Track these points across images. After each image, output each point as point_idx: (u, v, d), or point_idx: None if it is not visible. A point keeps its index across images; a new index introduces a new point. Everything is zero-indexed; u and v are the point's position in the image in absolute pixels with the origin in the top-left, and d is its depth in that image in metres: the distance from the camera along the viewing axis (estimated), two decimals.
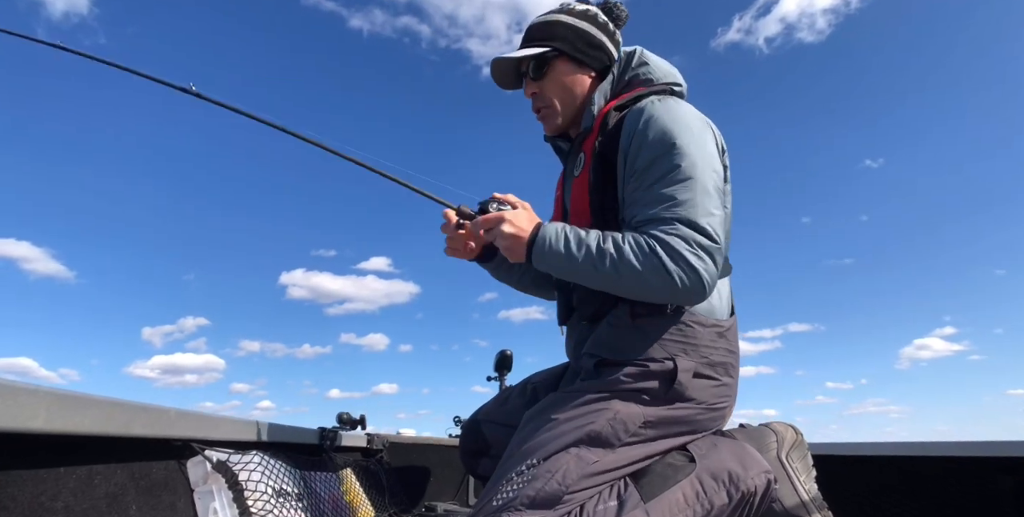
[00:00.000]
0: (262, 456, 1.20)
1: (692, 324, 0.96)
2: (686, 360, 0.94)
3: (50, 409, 0.68)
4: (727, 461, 0.90)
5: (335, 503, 1.48)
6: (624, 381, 0.93)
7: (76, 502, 0.79)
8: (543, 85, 1.12)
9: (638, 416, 0.91)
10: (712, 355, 0.97)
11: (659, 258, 0.85)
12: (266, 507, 1.09)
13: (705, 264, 0.85)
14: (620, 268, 0.87)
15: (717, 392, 0.97)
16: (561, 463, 0.87)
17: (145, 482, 0.94)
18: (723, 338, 1.00)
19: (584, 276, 0.92)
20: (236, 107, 1.21)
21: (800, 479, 0.98)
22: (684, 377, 0.92)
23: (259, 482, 1.12)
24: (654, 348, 0.95)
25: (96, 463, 0.84)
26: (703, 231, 0.87)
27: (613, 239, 0.90)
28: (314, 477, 1.44)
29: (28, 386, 0.65)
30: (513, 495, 0.86)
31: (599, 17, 1.13)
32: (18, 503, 0.70)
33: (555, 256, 0.92)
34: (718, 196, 0.93)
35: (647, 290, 0.88)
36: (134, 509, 0.90)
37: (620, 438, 0.90)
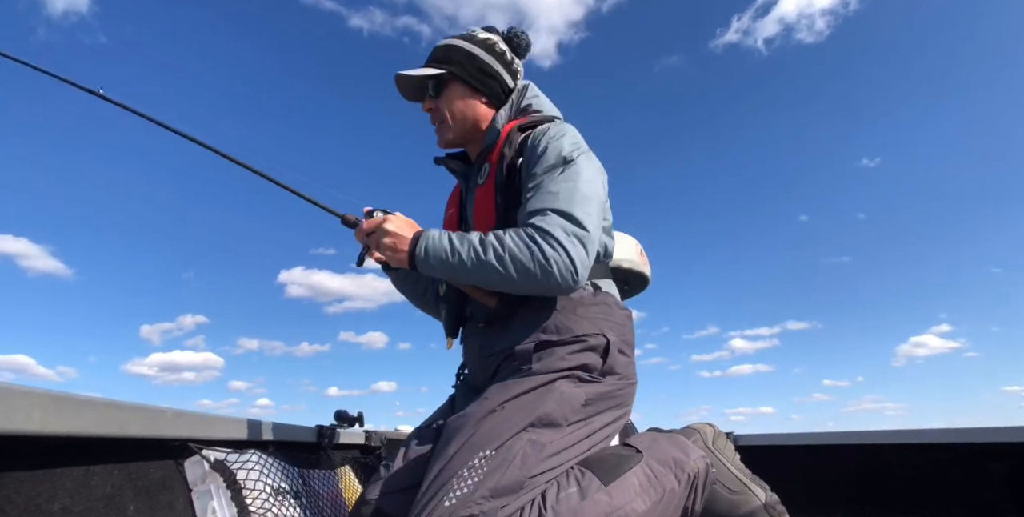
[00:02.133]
0: (260, 455, 1.20)
1: (612, 305, 1.09)
2: (613, 335, 1.04)
3: (45, 410, 0.67)
4: (669, 450, 0.98)
5: (334, 500, 1.48)
6: (565, 359, 0.99)
7: (73, 503, 0.78)
8: (438, 103, 1.22)
9: (580, 395, 0.96)
10: (626, 334, 1.09)
11: (537, 244, 0.93)
12: (265, 506, 1.09)
13: (577, 249, 0.93)
14: (503, 257, 0.93)
15: (630, 367, 1.08)
16: (517, 449, 0.87)
17: (143, 482, 0.94)
18: (630, 321, 1.13)
19: (468, 270, 0.96)
20: (141, 112, 1.24)
21: (730, 460, 1.11)
22: (613, 351, 1.02)
23: (257, 481, 1.12)
24: (587, 325, 1.03)
25: (93, 464, 0.84)
26: (576, 221, 0.96)
27: (494, 234, 0.97)
28: (312, 475, 1.44)
29: (23, 387, 0.65)
30: (471, 489, 0.83)
31: (497, 47, 1.23)
32: (15, 505, 0.69)
33: (438, 251, 0.98)
34: (597, 205, 1.02)
35: (529, 277, 0.93)
36: (132, 509, 0.90)
37: (568, 418, 0.94)
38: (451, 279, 1.05)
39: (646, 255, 2.14)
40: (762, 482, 1.09)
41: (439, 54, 1.22)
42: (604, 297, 1.09)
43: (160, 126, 1.21)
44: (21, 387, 0.65)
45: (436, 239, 0.99)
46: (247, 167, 1.18)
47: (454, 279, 1.04)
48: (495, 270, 0.93)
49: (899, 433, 1.61)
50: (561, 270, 0.92)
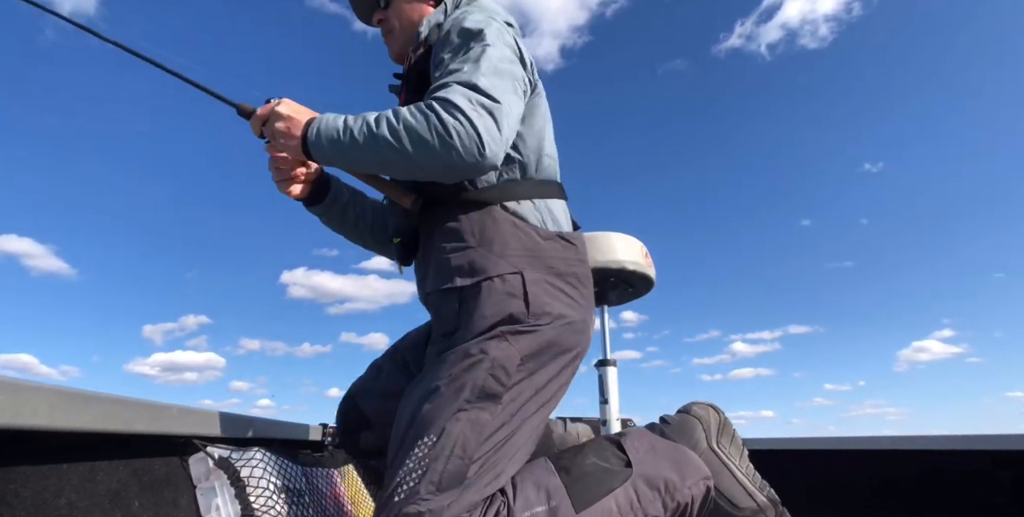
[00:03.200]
0: (264, 453, 1.20)
1: (530, 233, 0.95)
2: (532, 272, 0.91)
3: (52, 406, 0.68)
4: (664, 468, 0.87)
5: (337, 499, 1.48)
6: (486, 313, 0.88)
7: (79, 498, 0.79)
8: (387, 13, 1.18)
9: (514, 355, 0.86)
10: (558, 265, 0.95)
11: (435, 112, 0.82)
12: (268, 503, 1.10)
13: (483, 120, 0.82)
14: (397, 129, 0.82)
15: (571, 303, 0.94)
16: (456, 433, 0.81)
17: (147, 479, 0.95)
18: (570, 248, 0.98)
19: (361, 149, 0.86)
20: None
21: (736, 464, 0.97)
22: (534, 289, 0.89)
23: (261, 478, 1.12)
24: (500, 264, 0.91)
25: (98, 460, 0.84)
26: (481, 91, 0.84)
27: (392, 109, 0.87)
28: (316, 473, 1.44)
29: (30, 383, 0.65)
30: (415, 484, 0.78)
31: None
32: (21, 499, 0.70)
33: (331, 131, 0.88)
34: (510, 79, 0.91)
35: (427, 149, 0.82)
36: (136, 505, 0.90)
37: (504, 384, 0.85)
38: (348, 166, 0.96)
39: (651, 257, 2.14)
40: (772, 493, 0.96)
41: None
42: (526, 225, 0.95)
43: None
44: (29, 382, 0.65)
45: (330, 120, 0.90)
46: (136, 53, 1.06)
47: (350, 165, 0.95)
48: (389, 145, 0.83)
49: (905, 439, 1.59)
50: (463, 139, 0.80)
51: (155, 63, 1.05)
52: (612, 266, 2.00)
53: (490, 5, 1.07)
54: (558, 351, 0.91)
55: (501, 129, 0.84)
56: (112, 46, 1.07)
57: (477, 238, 0.94)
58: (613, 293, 2.18)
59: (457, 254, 0.94)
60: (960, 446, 1.46)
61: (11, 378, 0.63)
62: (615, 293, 2.19)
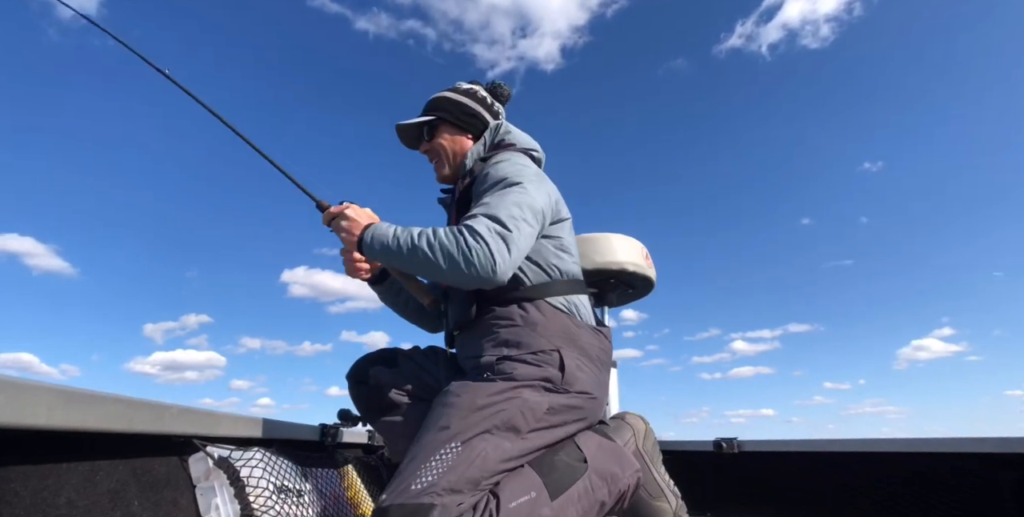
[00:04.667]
0: (263, 452, 1.21)
1: (572, 323, 1.16)
2: (569, 351, 1.11)
3: (52, 405, 0.68)
4: (610, 464, 1.07)
5: (336, 499, 1.49)
6: (526, 373, 1.06)
7: (79, 498, 0.79)
8: (432, 144, 1.41)
9: (543, 403, 1.04)
10: (589, 349, 1.15)
11: (463, 236, 1.01)
12: (267, 503, 1.10)
13: (498, 245, 1.01)
14: (433, 243, 1.02)
15: (596, 381, 1.14)
16: (479, 449, 0.96)
17: (147, 478, 0.95)
18: (598, 337, 1.19)
19: (403, 255, 1.06)
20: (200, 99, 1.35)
21: (655, 465, 1.20)
22: (569, 363, 1.09)
23: (261, 478, 1.13)
24: (542, 342, 1.11)
25: (98, 459, 0.85)
26: (500, 222, 1.04)
27: (432, 227, 1.07)
28: (315, 473, 1.44)
29: (30, 382, 0.65)
30: (434, 480, 0.91)
31: (478, 93, 1.45)
32: (21, 499, 0.70)
33: (382, 237, 1.09)
34: (531, 215, 1.10)
35: (452, 264, 1.00)
36: (136, 505, 0.91)
37: (529, 424, 1.02)
38: (391, 264, 1.16)
39: (651, 258, 2.14)
40: (676, 489, 1.19)
41: (430, 105, 1.44)
42: (564, 316, 1.17)
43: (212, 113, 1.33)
44: (29, 381, 0.65)
45: (384, 227, 1.11)
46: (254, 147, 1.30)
47: (392, 265, 1.15)
48: (426, 257, 1.02)
49: (906, 441, 1.59)
50: (481, 260, 0.99)
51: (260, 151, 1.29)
52: (612, 267, 2.00)
53: (520, 159, 1.28)
54: (578, 417, 1.10)
55: (511, 251, 1.03)
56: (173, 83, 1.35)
57: (523, 321, 1.14)
58: (613, 294, 2.18)
59: (507, 330, 1.14)
60: (959, 449, 1.46)
61: (11, 377, 0.63)
62: (615, 294, 2.19)
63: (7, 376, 0.63)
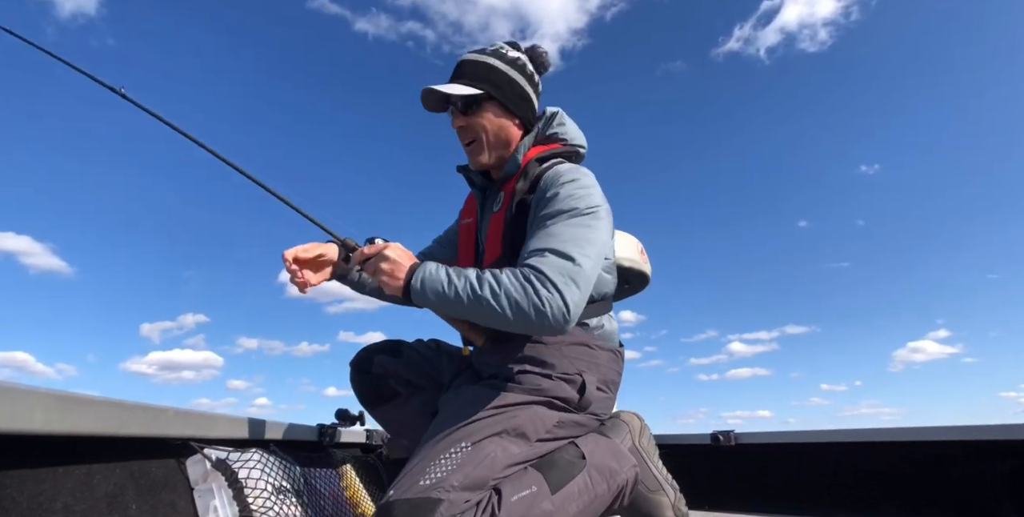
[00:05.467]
0: (261, 453, 1.20)
1: (595, 347, 1.15)
2: (590, 375, 1.11)
3: (47, 410, 0.67)
4: (608, 459, 1.08)
5: (335, 499, 1.48)
6: (545, 389, 1.07)
7: (75, 502, 0.79)
8: (471, 121, 1.20)
9: (553, 417, 1.06)
10: (607, 374, 1.16)
11: (533, 285, 0.92)
12: (266, 504, 1.10)
13: (572, 291, 0.93)
14: (499, 294, 0.93)
15: (606, 404, 1.17)
16: (489, 451, 0.96)
17: (144, 481, 0.94)
18: (615, 361, 1.20)
19: (463, 305, 0.95)
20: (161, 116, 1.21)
21: (652, 460, 1.21)
22: (590, 389, 1.10)
23: (259, 480, 1.12)
24: (567, 364, 1.11)
25: (95, 463, 0.84)
26: (571, 259, 0.96)
27: (491, 272, 0.97)
28: (314, 473, 1.44)
29: (25, 387, 0.65)
30: (443, 476, 0.91)
31: (527, 68, 1.24)
32: (17, 504, 0.69)
33: (435, 283, 0.97)
34: (598, 247, 1.02)
35: (523, 316, 0.92)
36: (134, 508, 0.90)
37: (538, 433, 1.03)
38: (443, 312, 1.05)
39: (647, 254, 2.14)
40: (674, 482, 1.20)
41: (471, 70, 1.20)
42: (590, 338, 1.15)
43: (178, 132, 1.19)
44: (24, 387, 0.65)
45: (433, 271, 0.98)
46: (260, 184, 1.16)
47: (446, 312, 1.04)
48: (490, 307, 0.93)
49: (903, 430, 1.61)
50: (554, 312, 0.91)
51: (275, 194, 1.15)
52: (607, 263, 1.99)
53: (589, 179, 1.13)
54: (582, 432, 1.13)
55: (583, 293, 0.96)
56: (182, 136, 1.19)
57: (551, 340, 1.12)
58: None
59: (532, 347, 1.12)
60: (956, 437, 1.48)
61: (6, 382, 0.63)
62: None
63: (1, 381, 0.62)
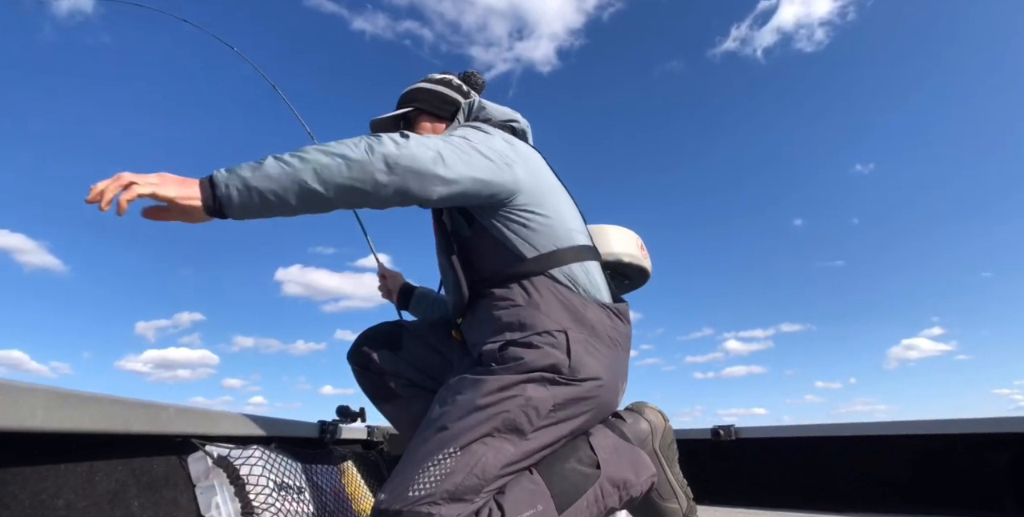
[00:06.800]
0: (263, 450, 1.20)
1: (575, 299, 1.06)
2: (576, 332, 1.01)
3: (48, 407, 0.67)
4: (624, 469, 1.00)
5: (337, 495, 1.49)
6: (530, 362, 0.97)
7: (77, 499, 0.79)
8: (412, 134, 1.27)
9: (548, 400, 0.95)
10: (599, 328, 1.05)
11: (341, 143, 0.91)
12: (268, 501, 1.10)
13: (390, 146, 0.90)
14: (305, 158, 0.88)
15: (607, 363, 1.03)
16: (479, 455, 0.89)
17: (146, 478, 0.94)
18: (608, 315, 1.09)
19: (287, 174, 0.87)
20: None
21: (671, 467, 1.13)
22: (576, 347, 0.99)
23: (260, 476, 1.12)
24: (547, 321, 1.01)
25: (96, 460, 0.84)
26: (404, 138, 0.94)
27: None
28: (315, 470, 1.44)
29: (27, 384, 0.65)
30: (432, 488, 0.86)
31: (453, 81, 1.41)
32: (19, 501, 0.69)
33: (239, 171, 0.87)
34: (457, 153, 0.98)
35: (353, 150, 0.89)
36: (136, 505, 0.90)
37: (533, 423, 0.94)
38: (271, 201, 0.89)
39: (646, 250, 2.14)
40: (688, 489, 1.14)
41: (405, 97, 1.40)
42: (565, 289, 1.07)
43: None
44: (26, 384, 0.65)
45: (228, 170, 0.89)
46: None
47: (275, 198, 0.89)
48: (318, 161, 0.88)
49: (901, 424, 1.61)
50: (384, 145, 0.90)
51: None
52: (608, 258, 1.99)
53: (483, 127, 1.14)
54: (586, 409, 1.00)
55: (400, 150, 0.92)
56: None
57: (526, 300, 1.05)
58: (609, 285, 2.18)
59: (508, 312, 1.05)
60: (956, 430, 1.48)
61: (7, 380, 0.63)
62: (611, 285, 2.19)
63: (2, 379, 0.62)
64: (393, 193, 0.92)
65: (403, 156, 0.91)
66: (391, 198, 0.93)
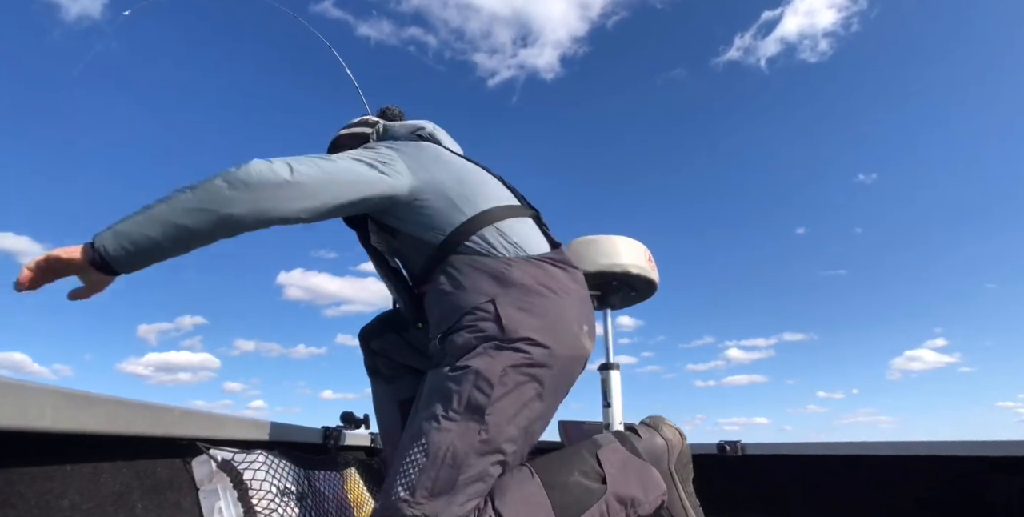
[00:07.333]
0: (266, 455, 1.21)
1: (494, 264, 1.02)
2: (505, 297, 0.97)
3: (57, 408, 0.68)
4: (632, 486, 0.97)
5: (339, 502, 1.48)
6: (471, 339, 0.95)
7: (82, 500, 0.79)
8: None
9: (495, 366, 0.91)
10: (529, 282, 1.00)
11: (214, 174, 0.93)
12: (270, 506, 1.10)
13: (228, 170, 0.93)
14: (164, 197, 0.91)
15: (553, 314, 0.98)
16: (445, 443, 0.88)
17: (150, 481, 0.95)
18: (542, 265, 1.04)
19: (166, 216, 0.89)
20: None
21: (685, 487, 1.09)
22: (506, 310, 0.95)
23: (263, 481, 1.13)
24: (474, 296, 0.99)
25: (102, 461, 0.85)
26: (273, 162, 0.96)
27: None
28: (318, 476, 1.44)
29: (36, 384, 0.66)
30: (411, 487, 0.86)
31: (368, 120, 1.44)
32: (25, 501, 0.70)
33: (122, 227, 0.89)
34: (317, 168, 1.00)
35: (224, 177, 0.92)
36: (140, 508, 0.91)
37: (489, 395, 0.90)
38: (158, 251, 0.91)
39: (654, 261, 2.14)
40: (700, 510, 1.10)
41: (329, 148, 1.45)
42: (482, 261, 1.03)
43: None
44: (35, 384, 0.66)
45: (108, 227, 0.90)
46: None
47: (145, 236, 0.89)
48: (192, 195, 0.90)
49: (907, 444, 1.59)
50: (215, 175, 0.92)
51: None
52: (615, 270, 1.99)
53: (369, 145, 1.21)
54: (543, 361, 0.95)
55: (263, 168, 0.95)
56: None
57: (451, 284, 1.04)
58: (616, 297, 2.18)
59: (440, 303, 1.05)
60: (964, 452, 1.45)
61: (15, 380, 0.63)
62: (618, 297, 2.19)
63: (11, 379, 0.63)
64: (248, 211, 0.93)
65: (245, 174, 0.93)
66: (248, 216, 0.93)
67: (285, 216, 0.96)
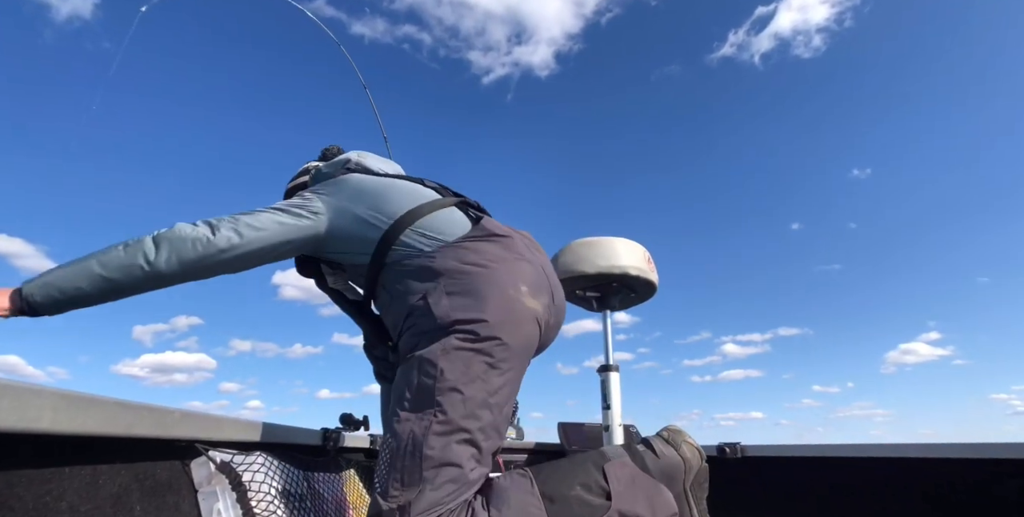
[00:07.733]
0: (266, 457, 1.20)
1: (418, 262, 1.06)
2: (433, 287, 1.01)
3: (56, 409, 0.68)
4: (640, 506, 0.92)
5: (338, 503, 1.48)
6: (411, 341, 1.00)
7: (81, 502, 0.79)
8: None
9: (435, 349, 0.95)
10: (454, 266, 1.02)
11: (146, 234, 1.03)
12: (270, 508, 1.10)
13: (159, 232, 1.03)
14: (126, 250, 1.00)
15: (486, 286, 0.99)
16: (405, 432, 0.91)
17: (149, 483, 0.95)
18: (464, 246, 1.06)
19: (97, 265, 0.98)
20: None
21: (699, 507, 1.04)
22: (434, 299, 0.99)
23: (263, 483, 1.12)
24: (407, 301, 1.04)
25: (101, 463, 0.84)
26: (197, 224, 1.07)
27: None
28: (318, 478, 1.44)
29: (35, 386, 0.65)
30: (384, 480, 0.89)
31: (309, 167, 1.53)
32: (23, 503, 0.70)
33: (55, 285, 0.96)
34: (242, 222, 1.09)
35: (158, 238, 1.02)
36: (138, 510, 0.90)
37: (435, 377, 0.92)
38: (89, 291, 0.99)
39: (653, 262, 2.14)
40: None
41: (285, 196, 1.55)
42: (410, 263, 1.07)
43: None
44: (34, 386, 0.65)
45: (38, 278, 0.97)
46: None
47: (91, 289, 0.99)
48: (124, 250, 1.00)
49: (910, 446, 1.58)
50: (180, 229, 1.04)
51: None
52: (615, 271, 1.99)
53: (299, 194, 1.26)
54: (484, 340, 0.95)
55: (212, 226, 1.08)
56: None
57: (390, 296, 1.11)
58: (616, 298, 2.18)
59: (387, 319, 1.13)
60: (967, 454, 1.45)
61: (15, 381, 0.63)
62: (618, 298, 2.19)
63: (9, 380, 0.63)
64: (174, 268, 1.02)
65: (171, 233, 1.03)
66: (175, 273, 1.03)
67: (210, 267, 1.06)
